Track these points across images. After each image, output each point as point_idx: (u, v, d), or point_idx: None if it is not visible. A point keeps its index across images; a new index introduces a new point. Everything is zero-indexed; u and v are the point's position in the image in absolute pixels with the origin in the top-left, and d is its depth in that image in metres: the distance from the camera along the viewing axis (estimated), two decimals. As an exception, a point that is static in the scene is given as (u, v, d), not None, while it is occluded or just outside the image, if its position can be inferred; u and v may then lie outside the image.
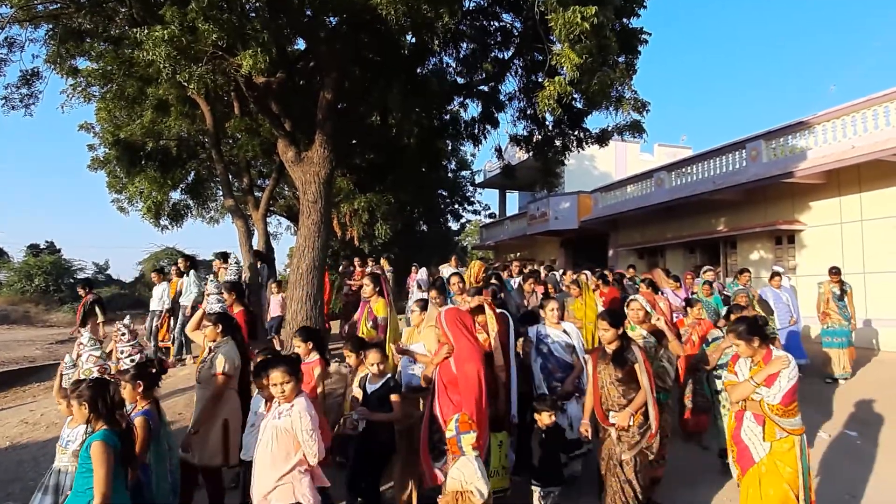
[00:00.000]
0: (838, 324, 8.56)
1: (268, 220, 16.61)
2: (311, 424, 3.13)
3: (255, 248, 13.02)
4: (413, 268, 12.07)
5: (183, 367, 9.01)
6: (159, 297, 9.76)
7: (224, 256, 9.50)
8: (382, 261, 12.69)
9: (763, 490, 3.52)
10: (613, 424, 3.95)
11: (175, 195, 16.24)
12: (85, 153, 15.77)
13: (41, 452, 5.95)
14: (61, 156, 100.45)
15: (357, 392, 4.44)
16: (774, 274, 9.33)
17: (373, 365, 4.24)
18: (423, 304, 5.14)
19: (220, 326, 4.54)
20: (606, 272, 9.37)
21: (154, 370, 3.82)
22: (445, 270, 10.77)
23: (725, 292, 9.31)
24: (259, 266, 10.68)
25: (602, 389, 4.04)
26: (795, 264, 12.78)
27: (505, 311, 5.03)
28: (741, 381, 3.68)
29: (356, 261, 12.00)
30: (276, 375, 3.21)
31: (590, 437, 4.29)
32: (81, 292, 9.36)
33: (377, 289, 5.97)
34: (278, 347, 8.67)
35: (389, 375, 4.31)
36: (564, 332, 5.05)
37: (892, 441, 6.01)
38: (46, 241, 38.79)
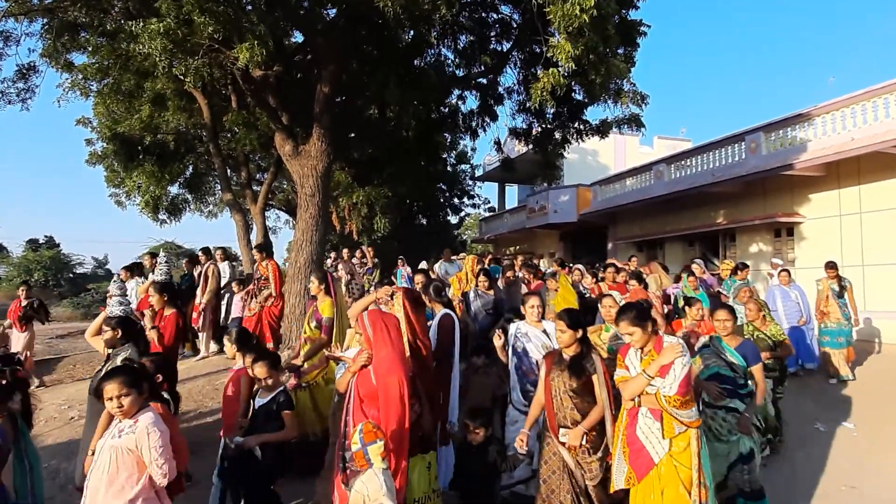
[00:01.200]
0: (837, 323, 8.06)
1: (266, 214, 16.63)
2: (160, 441, 2.77)
3: (257, 243, 13.02)
4: (399, 261, 11.82)
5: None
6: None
7: (153, 255, 9.13)
8: (367, 249, 12.36)
9: (665, 500, 3.19)
10: (564, 443, 3.55)
11: (173, 189, 16.25)
12: (83, 148, 15.73)
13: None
14: (60, 151, 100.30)
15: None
16: (783, 270, 8.88)
17: (261, 379, 3.86)
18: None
19: (120, 331, 4.23)
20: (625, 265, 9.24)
21: (4, 381, 3.35)
22: (440, 267, 10.72)
23: (720, 289, 8.98)
24: (221, 266, 9.71)
25: (555, 399, 3.63)
26: (794, 257, 12.77)
27: (450, 312, 4.71)
28: (633, 376, 3.36)
29: (345, 251, 11.76)
30: (110, 388, 2.79)
31: (524, 451, 3.82)
32: None
33: (323, 286, 5.39)
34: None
35: (281, 389, 3.90)
36: (545, 331, 4.60)
37: (890, 433, 6.02)
38: (45, 236, 38.84)
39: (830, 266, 8.41)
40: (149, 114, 12.10)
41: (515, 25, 9.87)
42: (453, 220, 26.38)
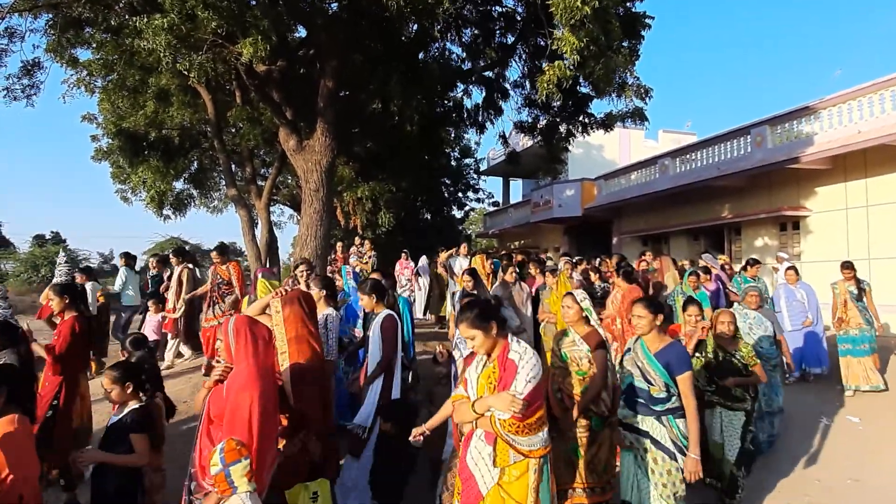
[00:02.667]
0: (859, 328, 7.12)
1: (271, 209, 16.66)
2: None
3: (261, 238, 13.02)
4: (403, 254, 11.74)
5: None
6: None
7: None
8: (366, 243, 12.14)
9: None
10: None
11: (178, 185, 16.29)
12: (88, 144, 15.79)
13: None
14: (65, 147, 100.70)
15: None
16: (790, 268, 8.19)
17: (109, 392, 3.30)
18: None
19: None
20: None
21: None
22: (455, 263, 10.55)
23: (731, 288, 8.47)
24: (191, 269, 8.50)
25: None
26: (800, 250, 12.72)
27: (392, 313, 4.43)
28: (469, 395, 2.79)
29: (339, 245, 11.40)
30: None
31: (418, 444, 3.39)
32: None
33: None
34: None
35: (134, 407, 3.26)
36: None
37: (895, 426, 6.01)
38: (52, 232, 39.09)
39: (847, 266, 7.42)
40: (153, 109, 12.11)
41: (520, 18, 9.83)
42: (458, 214, 26.34)
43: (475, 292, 6.22)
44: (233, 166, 14.41)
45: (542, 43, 9.47)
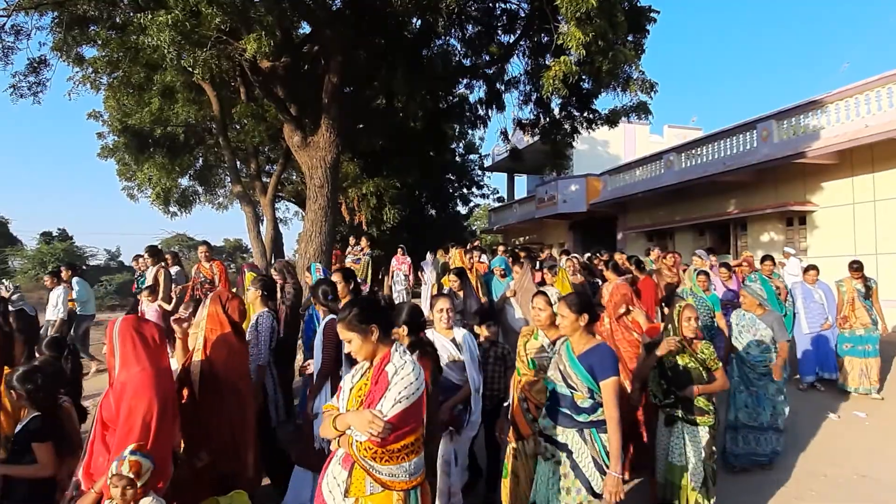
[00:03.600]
0: (864, 329, 6.92)
1: (276, 205, 16.71)
2: None
3: (267, 234, 13.02)
4: (399, 249, 11.60)
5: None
6: (54, 305, 8.32)
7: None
8: (363, 240, 12.02)
9: None
10: None
11: (184, 182, 16.40)
12: (95, 141, 15.90)
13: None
14: (71, 144, 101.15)
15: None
16: (811, 267, 7.50)
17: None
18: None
19: None
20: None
21: None
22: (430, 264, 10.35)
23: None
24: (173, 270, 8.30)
25: None
26: (807, 245, 12.65)
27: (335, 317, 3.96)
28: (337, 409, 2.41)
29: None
30: None
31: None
32: None
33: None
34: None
35: (35, 414, 3.00)
36: (454, 340, 3.77)
37: (902, 422, 5.99)
38: (59, 229, 39.16)
39: (856, 267, 7.17)
40: (159, 106, 12.17)
41: (523, 14, 9.80)
42: (463, 210, 26.31)
43: (461, 293, 5.99)
44: (238, 163, 14.48)
45: (545, 39, 9.44)
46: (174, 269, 8.17)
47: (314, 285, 4.57)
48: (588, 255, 10.42)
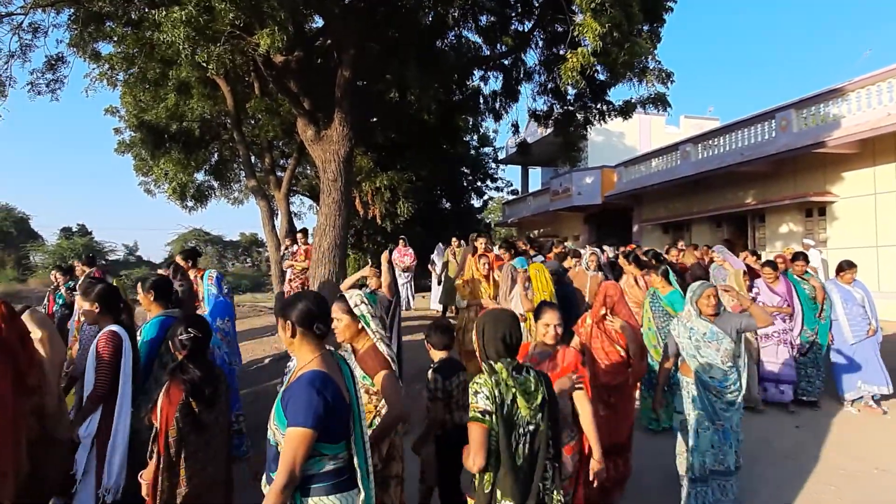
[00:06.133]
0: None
1: (290, 199, 16.79)
2: None
3: (281, 229, 13.07)
4: (401, 240, 11.32)
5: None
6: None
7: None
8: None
9: None
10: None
11: (199, 176, 16.52)
12: (111, 137, 16.08)
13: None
14: (89, 140, 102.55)
15: None
16: (848, 265, 6.35)
17: None
18: None
19: None
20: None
21: None
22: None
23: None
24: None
25: None
26: (826, 237, 12.46)
27: (116, 329, 3.31)
28: None
29: (299, 236, 9.81)
30: None
31: None
32: None
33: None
34: None
35: None
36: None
37: (925, 416, 5.89)
38: (78, 224, 39.94)
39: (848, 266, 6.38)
40: (174, 102, 12.26)
41: (537, 4, 9.70)
42: (477, 203, 26.28)
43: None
44: (252, 157, 14.56)
45: (559, 29, 9.33)
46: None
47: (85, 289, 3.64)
48: (613, 249, 10.26)
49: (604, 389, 3.99)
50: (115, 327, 3.21)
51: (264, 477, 2.06)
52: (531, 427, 2.23)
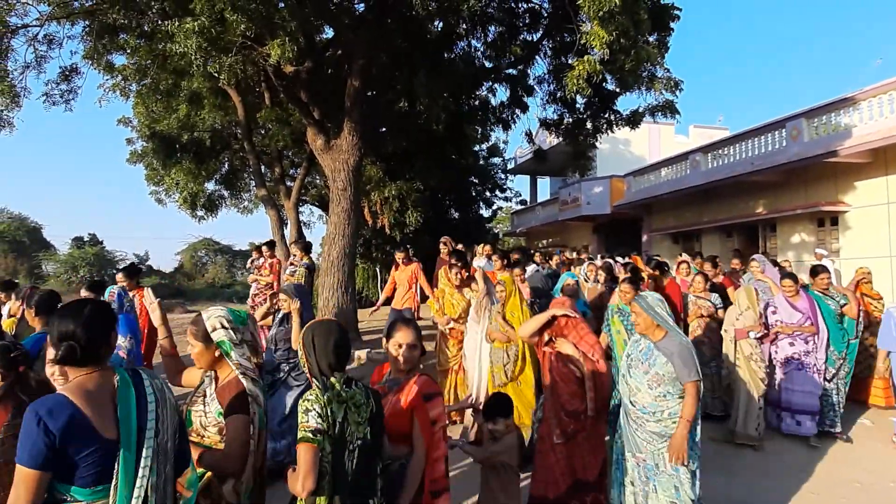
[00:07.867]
0: None
1: (300, 209, 16.88)
2: None
3: (291, 238, 13.12)
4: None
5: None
6: None
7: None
8: (297, 251, 10.51)
9: None
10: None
11: (210, 186, 16.67)
12: (124, 147, 16.28)
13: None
14: (103, 150, 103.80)
15: None
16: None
17: None
18: None
19: None
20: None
21: None
22: (478, 262, 10.33)
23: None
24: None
25: None
26: (839, 247, 12.32)
27: None
28: None
29: (264, 249, 8.86)
30: None
31: None
32: None
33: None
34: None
35: None
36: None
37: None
38: (89, 234, 40.27)
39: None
40: (186, 112, 12.42)
41: (545, 14, 9.76)
42: (486, 213, 26.26)
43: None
44: (262, 167, 14.68)
45: (567, 38, 9.37)
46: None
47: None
48: (623, 260, 9.95)
49: (563, 412, 3.58)
50: None
51: None
52: (359, 442, 2.14)
